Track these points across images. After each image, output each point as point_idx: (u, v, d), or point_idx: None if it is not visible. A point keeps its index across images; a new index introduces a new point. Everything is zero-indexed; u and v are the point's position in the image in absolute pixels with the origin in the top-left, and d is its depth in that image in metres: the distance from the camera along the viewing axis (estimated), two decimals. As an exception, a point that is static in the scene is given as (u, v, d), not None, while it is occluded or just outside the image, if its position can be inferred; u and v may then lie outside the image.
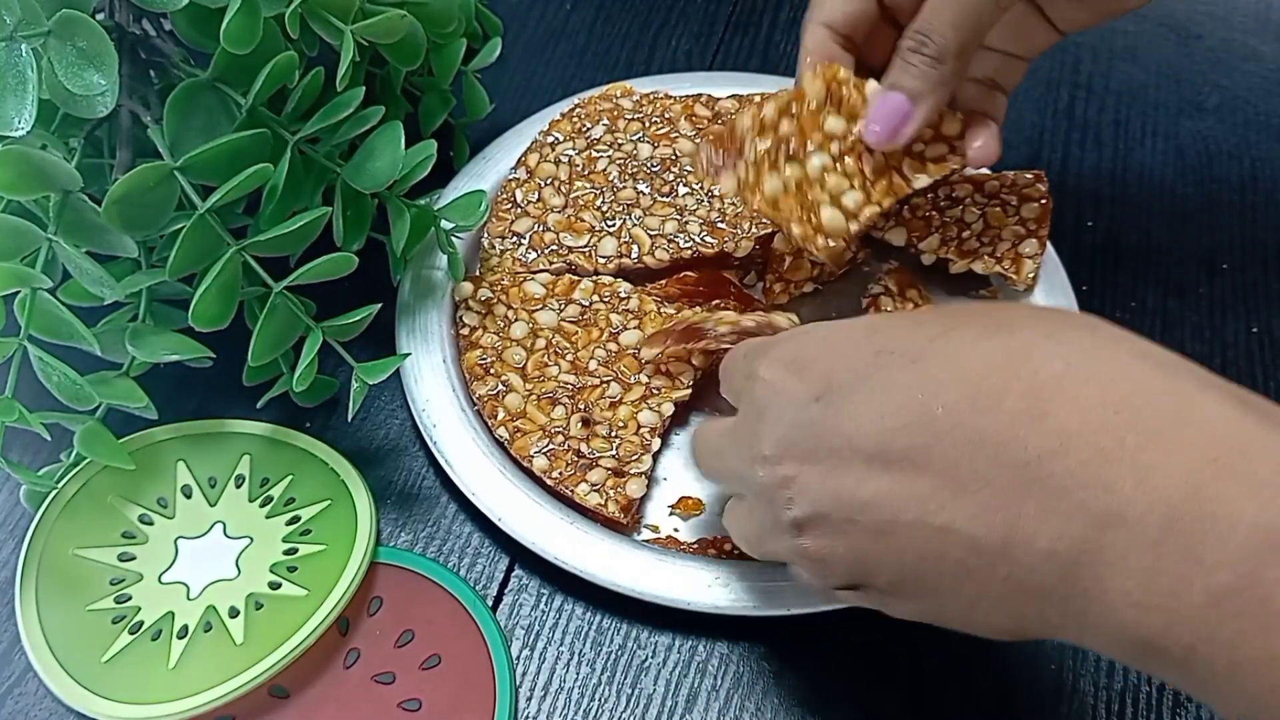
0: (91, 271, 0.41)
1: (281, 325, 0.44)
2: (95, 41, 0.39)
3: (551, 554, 0.44)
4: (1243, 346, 0.54)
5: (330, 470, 0.47)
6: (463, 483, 0.46)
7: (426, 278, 0.52)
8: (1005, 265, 0.51)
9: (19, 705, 0.42)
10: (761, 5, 0.68)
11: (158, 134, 0.43)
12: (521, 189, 0.55)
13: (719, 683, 0.43)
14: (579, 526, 0.45)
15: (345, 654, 0.43)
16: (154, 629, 0.43)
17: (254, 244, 0.42)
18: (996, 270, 0.51)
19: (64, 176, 0.40)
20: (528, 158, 0.56)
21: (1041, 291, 0.52)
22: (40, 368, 0.42)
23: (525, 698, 0.43)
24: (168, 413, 0.47)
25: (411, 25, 0.47)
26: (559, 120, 0.57)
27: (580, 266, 0.52)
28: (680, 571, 0.44)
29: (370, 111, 0.46)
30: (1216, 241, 0.58)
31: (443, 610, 0.44)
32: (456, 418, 0.48)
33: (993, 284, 0.53)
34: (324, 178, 0.47)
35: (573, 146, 0.56)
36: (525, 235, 0.53)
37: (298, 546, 0.45)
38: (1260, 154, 0.61)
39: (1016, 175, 0.53)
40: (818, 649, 0.44)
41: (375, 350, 0.49)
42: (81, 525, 0.45)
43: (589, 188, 0.55)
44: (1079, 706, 0.43)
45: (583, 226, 0.53)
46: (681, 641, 0.44)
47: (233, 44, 0.42)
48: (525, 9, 0.67)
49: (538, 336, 0.50)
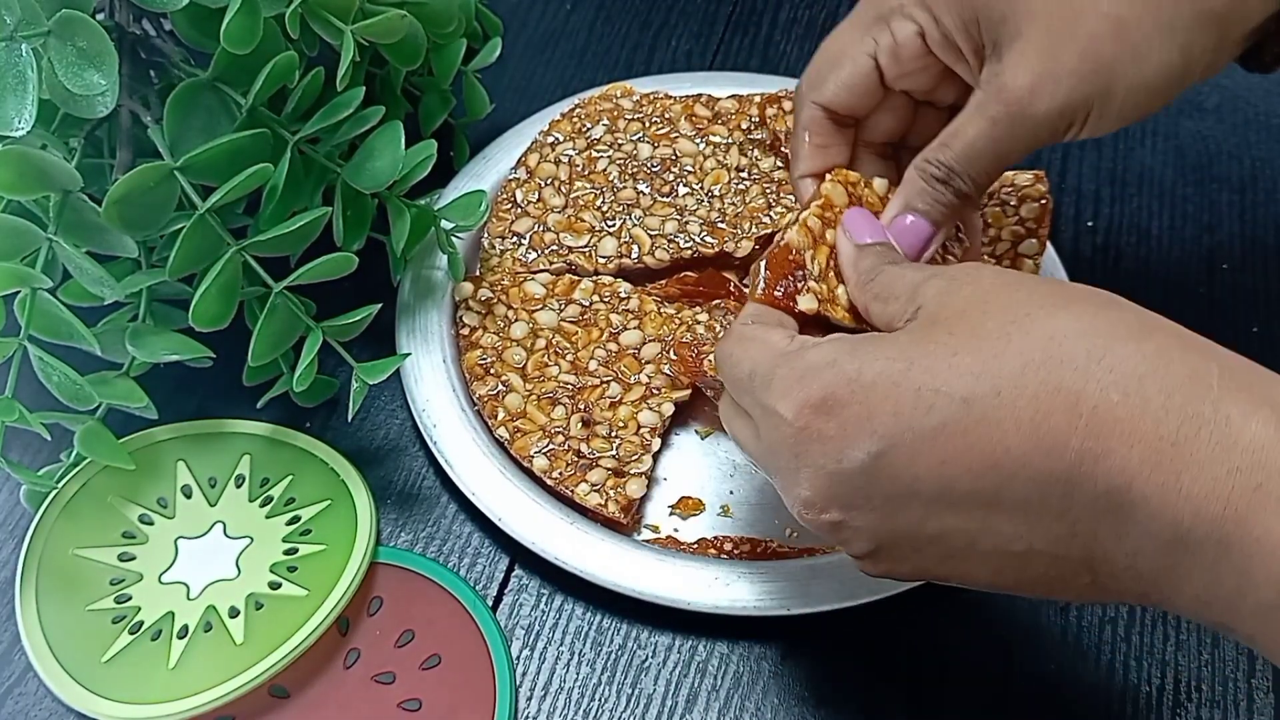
0: (91, 271, 0.41)
1: (281, 325, 0.44)
2: (95, 41, 0.39)
3: (551, 554, 0.44)
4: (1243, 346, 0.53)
5: (330, 470, 0.47)
6: (463, 483, 0.46)
7: (426, 278, 0.52)
8: (1005, 265, 0.51)
9: (19, 705, 0.42)
10: (761, 5, 0.68)
11: (158, 134, 0.43)
12: (521, 189, 0.55)
13: (719, 683, 0.43)
14: (579, 526, 0.45)
15: (345, 654, 0.43)
16: (154, 629, 0.43)
17: (254, 244, 0.42)
18: None
19: (64, 176, 0.40)
20: (528, 158, 0.56)
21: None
22: (40, 368, 0.42)
23: (525, 698, 0.43)
24: (168, 413, 0.47)
25: (411, 25, 0.47)
26: (559, 120, 0.57)
27: (580, 266, 0.52)
28: (680, 571, 0.44)
29: (370, 111, 0.46)
30: (1216, 241, 0.58)
31: (443, 610, 0.44)
32: (456, 418, 0.48)
33: None
34: (324, 178, 0.47)
35: (573, 146, 0.56)
36: (525, 235, 0.53)
37: (298, 546, 0.45)
38: (1260, 154, 0.61)
39: (1016, 175, 0.53)
40: (818, 649, 0.44)
41: (375, 350, 0.49)
42: (81, 525, 0.45)
43: (589, 188, 0.55)
44: (1079, 706, 0.43)
45: (583, 226, 0.53)
46: (681, 641, 0.44)
47: (233, 44, 0.42)
48: (525, 9, 0.67)
49: (538, 336, 0.50)
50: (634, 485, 0.46)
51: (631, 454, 0.46)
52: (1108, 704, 0.43)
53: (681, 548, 0.46)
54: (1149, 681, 0.44)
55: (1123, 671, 0.44)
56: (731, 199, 0.54)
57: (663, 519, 0.47)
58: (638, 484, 0.46)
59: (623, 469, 0.46)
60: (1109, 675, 0.44)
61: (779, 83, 0.59)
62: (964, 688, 0.43)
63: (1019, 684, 0.43)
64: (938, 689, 0.43)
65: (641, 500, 0.47)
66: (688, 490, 0.48)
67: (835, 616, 0.43)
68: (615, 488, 0.46)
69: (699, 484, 0.48)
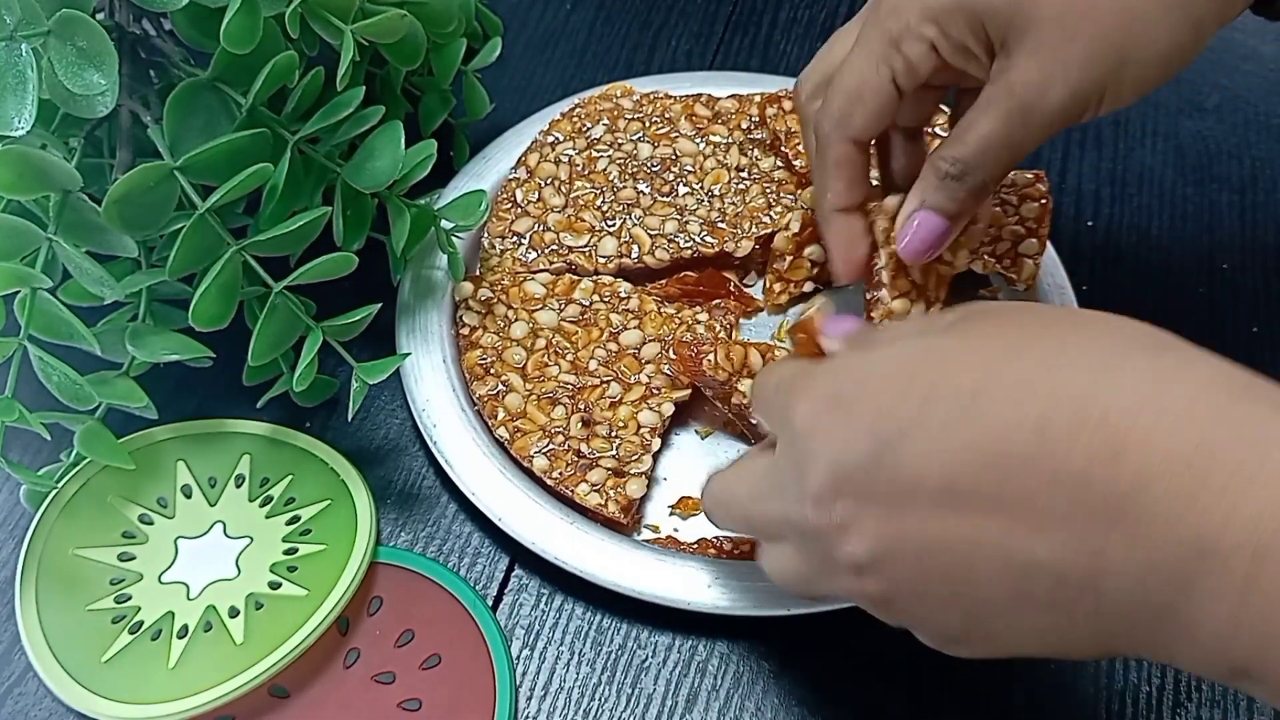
0: (91, 271, 0.41)
1: (281, 325, 0.44)
2: (95, 41, 0.39)
3: (552, 554, 0.44)
4: (1243, 346, 0.54)
5: (330, 470, 0.47)
6: (463, 483, 0.46)
7: (426, 278, 0.52)
8: (1005, 265, 0.51)
9: (19, 705, 0.42)
10: (761, 5, 0.68)
11: (158, 134, 0.43)
12: (522, 189, 0.55)
13: (719, 683, 0.43)
14: (579, 526, 0.45)
15: (345, 654, 0.43)
16: (154, 629, 0.43)
17: (254, 244, 0.42)
18: (996, 270, 0.51)
19: (64, 176, 0.40)
20: (528, 157, 0.56)
21: (1041, 292, 0.52)
22: (40, 368, 0.42)
23: (525, 698, 0.43)
24: (168, 413, 0.47)
25: (411, 25, 0.47)
26: (559, 120, 0.57)
27: (580, 266, 0.52)
28: (680, 571, 0.44)
29: (370, 111, 0.46)
30: (1216, 241, 0.57)
31: (443, 610, 0.44)
32: (456, 417, 0.48)
33: (993, 283, 0.53)
34: (324, 178, 0.47)
35: (573, 146, 0.56)
36: (525, 235, 0.53)
37: (298, 546, 0.45)
38: (1260, 154, 0.61)
39: (1016, 175, 0.53)
40: (818, 649, 0.44)
41: (375, 350, 0.49)
42: (81, 525, 0.45)
43: (589, 188, 0.55)
44: (1079, 706, 0.43)
45: (583, 226, 0.53)
46: (681, 641, 0.44)
47: (233, 44, 0.42)
48: (525, 9, 0.67)
49: (538, 336, 0.50)
50: (634, 485, 0.46)
51: (631, 454, 0.46)
52: (1108, 704, 0.43)
53: (681, 548, 0.46)
54: (1149, 681, 0.44)
55: (1123, 671, 0.44)
56: (731, 199, 0.54)
57: (663, 519, 0.47)
58: (638, 484, 0.46)
59: (623, 469, 0.46)
60: (1109, 675, 0.44)
61: (779, 82, 0.59)
62: (964, 688, 0.43)
63: (1019, 684, 0.43)
64: (938, 689, 0.43)
65: (641, 500, 0.47)
66: (688, 490, 0.48)
67: (836, 617, 0.43)
68: (615, 488, 0.46)
69: (699, 484, 0.47)
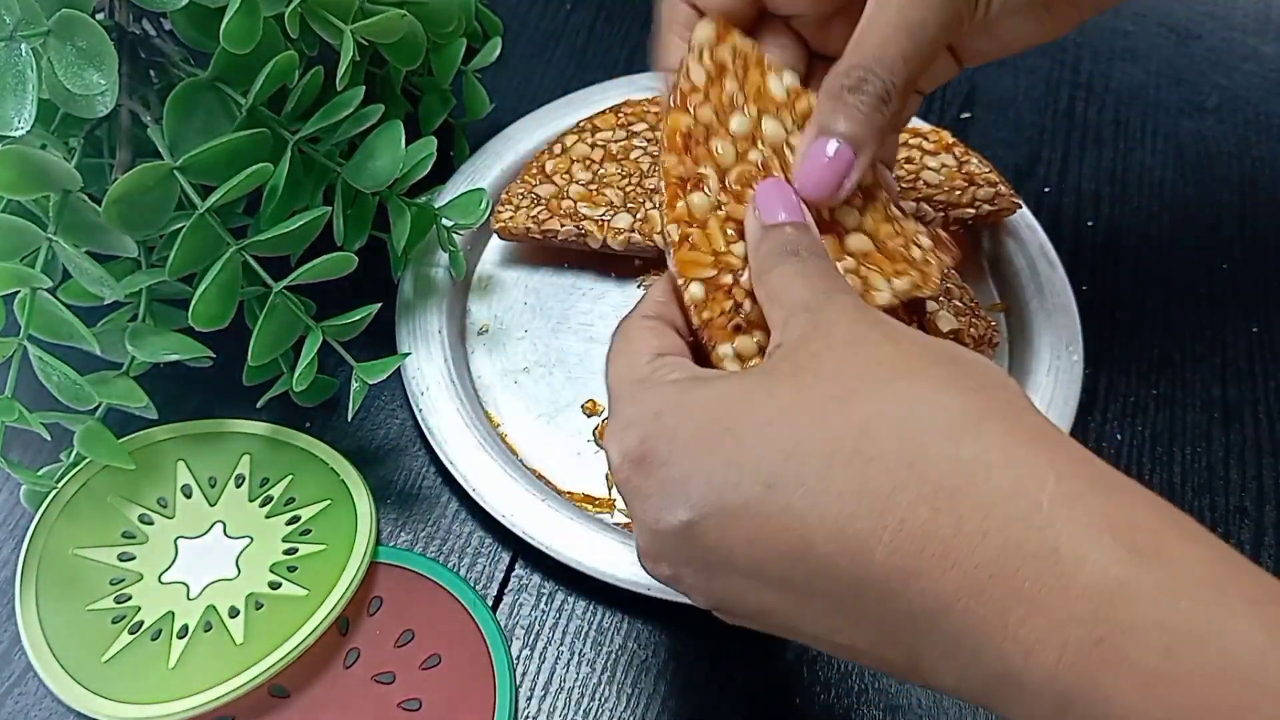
0: (91, 271, 0.41)
1: (281, 325, 0.44)
2: (95, 41, 0.39)
3: (555, 549, 0.44)
4: (1243, 346, 0.54)
5: (330, 470, 0.47)
6: (465, 480, 0.46)
7: (427, 277, 0.52)
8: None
9: (19, 705, 0.42)
10: (761, 5, 0.68)
11: (158, 134, 0.43)
12: (553, 160, 0.55)
13: (719, 683, 0.43)
14: (582, 523, 0.45)
15: (345, 654, 0.43)
16: (154, 629, 0.43)
17: (254, 244, 0.42)
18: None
19: (64, 176, 0.40)
20: (565, 137, 0.56)
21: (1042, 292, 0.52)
22: (40, 368, 0.42)
23: (525, 698, 0.43)
24: (168, 413, 0.47)
25: (411, 25, 0.47)
26: (604, 113, 0.58)
27: (591, 234, 0.52)
28: (680, 571, 0.44)
29: (370, 111, 0.46)
30: (1216, 241, 0.58)
31: (443, 610, 0.44)
32: (457, 417, 0.48)
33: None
34: (324, 177, 0.47)
35: (612, 136, 0.57)
36: (546, 200, 0.54)
37: (298, 546, 0.45)
38: (1260, 154, 0.61)
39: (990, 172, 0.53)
40: (818, 650, 0.44)
41: (375, 350, 0.49)
42: (81, 525, 0.45)
43: (618, 171, 0.55)
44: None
45: (602, 200, 0.54)
46: (682, 641, 0.44)
47: (233, 44, 0.42)
48: (525, 9, 0.67)
49: (755, 147, 0.38)
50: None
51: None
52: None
53: (682, 547, 0.46)
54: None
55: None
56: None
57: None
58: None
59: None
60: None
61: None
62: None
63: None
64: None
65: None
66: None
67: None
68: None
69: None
